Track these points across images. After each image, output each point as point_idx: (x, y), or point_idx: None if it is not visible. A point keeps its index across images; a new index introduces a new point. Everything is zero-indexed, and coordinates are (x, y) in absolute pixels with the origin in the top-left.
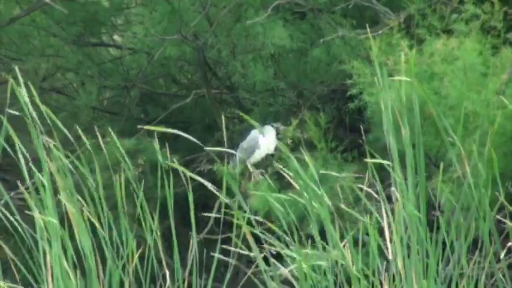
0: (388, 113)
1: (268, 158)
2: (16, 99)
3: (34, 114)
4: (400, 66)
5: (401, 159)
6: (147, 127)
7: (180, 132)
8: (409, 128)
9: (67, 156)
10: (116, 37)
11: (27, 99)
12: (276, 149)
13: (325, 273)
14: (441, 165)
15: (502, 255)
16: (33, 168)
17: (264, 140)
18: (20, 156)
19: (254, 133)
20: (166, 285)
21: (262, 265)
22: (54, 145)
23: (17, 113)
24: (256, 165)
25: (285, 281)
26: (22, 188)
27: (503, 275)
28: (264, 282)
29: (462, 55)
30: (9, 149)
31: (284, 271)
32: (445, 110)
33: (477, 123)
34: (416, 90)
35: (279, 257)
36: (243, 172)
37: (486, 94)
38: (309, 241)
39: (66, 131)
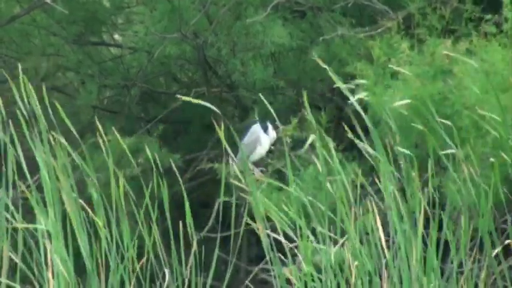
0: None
1: (268, 156)
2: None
3: (39, 111)
4: (402, 67)
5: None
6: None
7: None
8: (411, 127)
9: (69, 154)
10: (116, 36)
11: (34, 96)
12: (275, 145)
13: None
14: (440, 164)
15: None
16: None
17: (265, 135)
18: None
19: (255, 128)
20: (166, 284)
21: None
22: (59, 143)
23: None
24: (256, 164)
25: (287, 281)
26: (24, 186)
27: (503, 276)
28: (267, 281)
29: (488, 57)
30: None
31: (286, 270)
32: (462, 110)
33: (492, 126)
34: (420, 90)
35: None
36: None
37: (505, 98)
38: (309, 240)
39: (72, 128)
